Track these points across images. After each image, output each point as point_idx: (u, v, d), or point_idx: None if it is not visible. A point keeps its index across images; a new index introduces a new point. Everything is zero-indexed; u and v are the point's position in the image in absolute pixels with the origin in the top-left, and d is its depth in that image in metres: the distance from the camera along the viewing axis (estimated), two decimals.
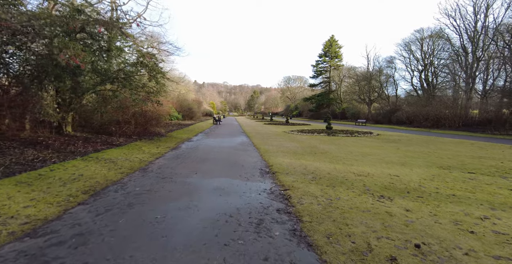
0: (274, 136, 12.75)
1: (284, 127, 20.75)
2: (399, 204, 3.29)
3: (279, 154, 7.34)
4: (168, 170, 5.15)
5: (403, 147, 8.98)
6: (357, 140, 11.39)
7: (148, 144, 8.84)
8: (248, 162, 6.17)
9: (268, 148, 8.44)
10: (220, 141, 10.46)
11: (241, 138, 11.81)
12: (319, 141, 10.63)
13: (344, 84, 46.50)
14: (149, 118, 12.42)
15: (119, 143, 8.48)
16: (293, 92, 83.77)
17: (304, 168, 5.46)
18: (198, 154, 7.19)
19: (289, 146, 9.13)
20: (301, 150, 8.06)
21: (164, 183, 4.19)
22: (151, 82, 11.08)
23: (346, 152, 7.72)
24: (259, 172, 5.18)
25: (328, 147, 8.92)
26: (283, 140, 11.13)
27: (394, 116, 26.25)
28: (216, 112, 66.75)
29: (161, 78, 11.68)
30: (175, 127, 18.01)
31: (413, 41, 30.99)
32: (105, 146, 7.66)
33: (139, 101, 10.00)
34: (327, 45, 46.55)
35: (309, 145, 9.31)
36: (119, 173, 4.74)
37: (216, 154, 7.21)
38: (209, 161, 6.19)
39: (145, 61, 10.08)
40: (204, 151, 7.84)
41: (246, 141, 10.60)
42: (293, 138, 12.02)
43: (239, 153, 7.56)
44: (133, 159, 6.07)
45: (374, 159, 6.65)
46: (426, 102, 23.41)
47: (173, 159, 6.47)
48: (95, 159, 5.74)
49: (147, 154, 7.00)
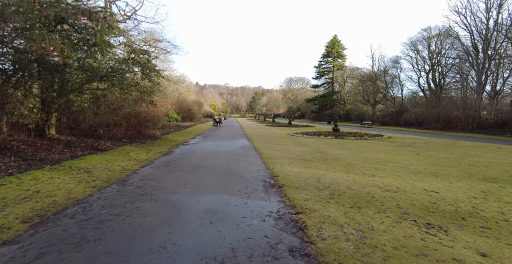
0: (278, 139, 11.82)
1: (287, 129, 19.82)
2: (462, 240, 2.33)
3: (285, 160, 6.40)
4: (152, 183, 4.23)
5: (423, 152, 8.00)
6: (369, 143, 10.42)
7: (138, 149, 7.95)
8: (249, 171, 5.24)
9: (272, 154, 7.51)
10: (218, 145, 9.54)
11: (242, 141, 10.89)
12: (327, 145, 9.67)
13: (348, 85, 45.50)
14: (143, 119, 11.56)
15: (106, 148, 7.59)
16: (295, 93, 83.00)
17: (317, 179, 4.52)
18: (192, 161, 6.28)
19: (295, 150, 8.19)
20: (309, 156, 7.11)
21: (141, 203, 3.27)
22: (144, 80, 10.25)
23: (361, 159, 6.77)
24: (262, 185, 4.24)
25: (339, 152, 7.97)
26: (287, 143, 10.19)
27: (402, 118, 25.20)
28: (217, 113, 66.01)
29: (155, 77, 10.86)
30: (173, 129, 17.15)
31: (420, 40, 30.04)
32: (87, 151, 6.78)
33: (130, 101, 9.14)
34: (330, 45, 45.71)
35: (317, 150, 8.36)
36: (90, 188, 3.82)
37: (213, 161, 6.29)
38: (204, 170, 5.27)
39: (137, 57, 9.24)
40: (199, 156, 6.93)
41: (247, 145, 9.67)
42: (298, 141, 11.08)
43: (239, 159, 6.64)
44: (114, 168, 5.16)
45: (397, 167, 5.69)
46: (437, 103, 22.37)
47: (162, 167, 5.56)
48: (67, 168, 4.83)
49: (133, 161, 6.10)
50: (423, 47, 30.40)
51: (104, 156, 6.34)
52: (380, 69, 36.57)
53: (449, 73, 28.17)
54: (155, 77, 10.83)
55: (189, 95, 43.00)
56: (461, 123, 18.63)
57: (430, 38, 29.01)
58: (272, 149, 8.54)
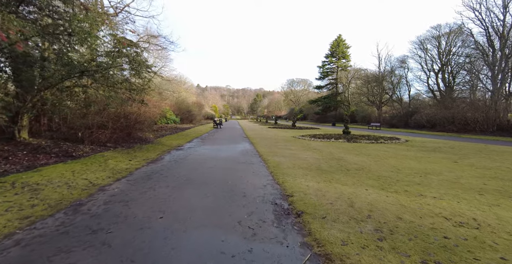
0: (283, 143, 10.57)
1: (292, 131, 18.56)
2: None
3: (297, 171, 5.15)
4: (117, 209, 3.00)
5: (460, 160, 6.71)
6: (388, 148, 9.14)
7: (120, 155, 6.74)
8: (253, 187, 4.00)
9: (280, 161, 6.26)
10: (217, 150, 8.31)
11: (243, 145, 9.66)
12: (342, 150, 8.41)
13: (352, 86, 44.22)
14: (133, 121, 10.39)
15: (81, 154, 6.39)
16: (297, 95, 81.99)
17: (349, 202, 3.27)
18: (181, 172, 5.04)
19: (307, 157, 6.94)
20: (325, 164, 5.85)
21: (81, 252, 2.04)
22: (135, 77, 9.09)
23: (390, 168, 5.50)
24: (272, 212, 3.00)
25: (359, 159, 6.70)
26: (295, 148, 8.93)
27: (412, 119, 23.87)
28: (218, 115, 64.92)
29: (145, 73, 9.70)
30: (169, 131, 15.96)
31: (429, 39, 28.78)
32: (56, 159, 5.57)
33: (116, 100, 7.97)
34: (334, 45, 44.61)
35: (333, 156, 7.10)
36: (16, 220, 2.59)
37: (207, 171, 5.05)
38: (194, 185, 4.04)
39: (124, 49, 8.08)
40: (192, 165, 5.70)
41: (250, 150, 8.43)
42: (307, 145, 9.82)
43: (240, 168, 5.40)
44: (77, 183, 3.94)
45: (445, 182, 4.41)
46: (451, 104, 21.03)
47: (142, 180, 4.33)
48: (8, 185, 3.61)
49: (108, 171, 4.88)
50: (432, 46, 29.16)
51: (73, 165, 5.12)
52: (386, 69, 35.32)
53: (460, 72, 26.84)
54: (145, 73, 9.69)
55: (189, 97, 41.97)
56: (480, 125, 17.28)
57: (440, 36, 27.76)
58: (279, 155, 7.29)
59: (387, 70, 35.03)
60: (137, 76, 9.00)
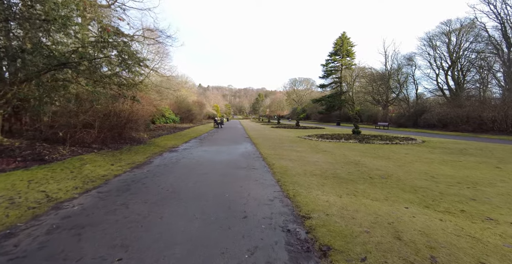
0: (289, 144, 9.61)
1: (296, 131, 17.59)
2: None
3: (311, 179, 4.19)
4: (61, 243, 2.08)
5: (504, 165, 5.70)
6: (407, 150, 8.15)
7: (103, 159, 5.84)
8: (257, 203, 3.06)
9: (287, 166, 5.31)
10: (215, 152, 7.38)
11: (245, 146, 8.72)
12: (356, 152, 7.43)
13: (357, 85, 43.05)
14: (125, 120, 9.52)
15: (56, 158, 5.49)
16: (300, 94, 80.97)
17: (393, 232, 2.31)
18: (168, 180, 4.12)
19: (318, 160, 5.98)
20: (343, 170, 4.89)
21: None
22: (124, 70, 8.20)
23: (422, 176, 4.53)
24: (285, 248, 2.06)
25: (380, 163, 5.73)
26: (303, 149, 7.97)
27: (422, 119, 22.74)
28: (220, 115, 63.99)
29: (138, 66, 8.81)
30: (166, 131, 15.08)
31: (439, 35, 27.60)
32: (19, 164, 4.68)
33: (102, 95, 7.10)
34: (338, 43, 43.49)
35: (348, 159, 6.14)
36: None
37: (200, 180, 4.12)
38: (179, 202, 3.11)
39: (110, 39, 7.19)
40: (183, 171, 4.77)
41: (252, 152, 7.50)
42: (315, 146, 8.85)
43: (241, 175, 4.46)
44: (26, 199, 3.03)
45: (507, 196, 3.44)
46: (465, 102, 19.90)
47: (115, 193, 3.41)
48: None
49: (79, 180, 3.97)
50: (442, 42, 27.98)
51: (35, 172, 4.21)
52: (393, 67, 34.13)
53: (471, 69, 25.63)
54: (137, 68, 8.81)
55: (190, 96, 41.12)
56: (498, 125, 16.17)
57: (450, 32, 26.58)
58: (286, 158, 6.34)
59: (393, 68, 33.87)
60: (127, 70, 8.12)
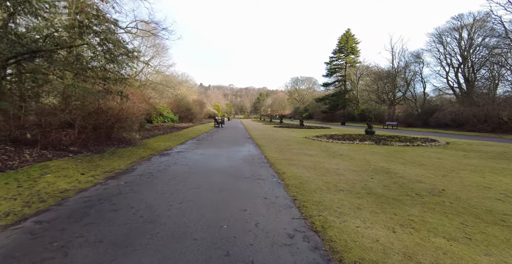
0: (297, 145, 8.52)
1: (301, 131, 16.48)
2: None
3: (337, 196, 3.10)
4: None
5: None
6: (437, 154, 7.02)
7: (75, 165, 4.77)
8: (270, 241, 1.96)
9: (302, 175, 4.22)
10: (213, 156, 6.30)
11: (247, 149, 7.64)
12: (378, 157, 6.32)
13: (361, 83, 41.80)
14: (115, 118, 8.48)
15: (11, 165, 4.43)
16: (302, 93, 79.81)
17: None
18: (147, 198, 3.04)
19: (338, 167, 4.88)
20: (376, 183, 3.78)
21: None
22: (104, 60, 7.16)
23: (487, 192, 3.42)
24: None
25: (417, 172, 4.62)
26: (315, 152, 6.87)
27: (433, 118, 21.55)
28: (221, 114, 62.89)
29: (127, 58, 7.78)
30: (163, 131, 14.02)
31: (450, 30, 26.35)
32: None
33: (80, 90, 6.05)
34: (343, 40, 42.26)
35: (374, 166, 5.03)
36: None
37: (189, 198, 3.04)
38: (150, 242, 2.03)
39: (89, 23, 6.12)
40: (170, 184, 3.69)
41: (256, 155, 6.41)
42: (328, 149, 7.75)
43: (243, 190, 3.37)
44: None
45: None
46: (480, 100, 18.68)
47: (64, 223, 2.34)
48: None
49: (21, 200, 2.91)
50: (453, 38, 26.73)
51: None
52: (400, 65, 32.88)
53: (484, 66, 24.35)
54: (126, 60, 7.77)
55: (190, 94, 40.05)
56: None
57: (462, 27, 25.33)
58: (297, 163, 5.25)
59: (400, 66, 32.62)
60: (110, 62, 7.06)
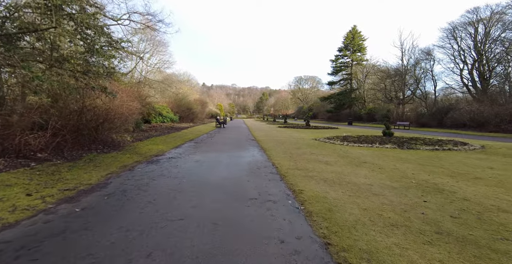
0: (307, 149, 7.39)
1: (309, 132, 15.33)
2: None
3: (393, 239, 1.97)
4: None
5: None
6: (484, 161, 5.83)
7: (30, 179, 3.72)
8: None
9: (326, 195, 3.10)
10: (210, 164, 5.20)
11: (251, 153, 6.54)
12: (414, 166, 5.15)
13: (368, 82, 40.38)
14: (102, 119, 7.50)
15: None
16: (305, 93, 78.50)
17: None
18: (103, 241, 1.95)
19: (371, 183, 3.75)
20: (439, 214, 2.65)
21: None
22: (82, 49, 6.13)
23: None
24: None
25: (483, 191, 3.46)
26: (332, 159, 5.73)
27: (448, 117, 20.20)
28: (224, 114, 61.90)
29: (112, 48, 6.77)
30: (160, 132, 12.99)
31: (464, 25, 24.91)
32: None
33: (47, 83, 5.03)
34: (349, 37, 40.88)
35: (417, 182, 3.88)
36: None
37: (163, 241, 1.94)
38: None
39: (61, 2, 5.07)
40: (145, 211, 2.61)
41: (262, 162, 5.30)
42: (346, 154, 6.60)
43: (247, 225, 2.26)
44: None
45: None
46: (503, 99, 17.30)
47: None
48: None
49: None
50: (467, 33, 25.27)
51: None
52: (410, 62, 31.42)
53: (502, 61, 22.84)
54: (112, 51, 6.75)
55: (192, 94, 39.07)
56: None
57: (478, 21, 23.89)
58: (315, 176, 4.13)
59: (410, 63, 31.19)
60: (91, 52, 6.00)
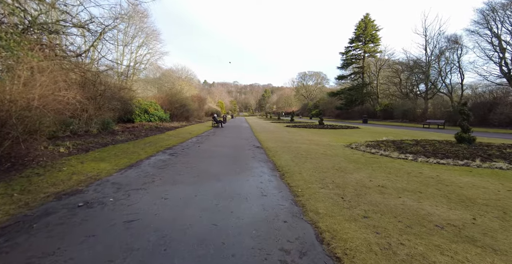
0: (361, 174, 4.13)
1: (328, 134, 11.98)
2: None
3: None
4: None
5: None
6: None
7: None
8: None
9: None
10: (163, 228, 1.97)
11: (259, 181, 3.29)
12: None
13: (382, 75, 36.67)
14: None
15: None
16: (309, 89, 74.88)
17: None
18: None
19: None
20: None
21: None
22: None
23: None
24: None
25: None
26: (432, 203, 2.48)
27: (496, 114, 16.71)
28: (225, 111, 58.69)
29: None
30: (134, 135, 9.75)
31: (505, 6, 21.18)
32: None
33: None
34: (361, 26, 37.19)
35: None
36: None
37: None
38: None
39: None
40: None
41: (290, 217, 2.05)
42: (448, 190, 3.33)
43: None
44: None
45: None
46: None
47: None
48: None
49: None
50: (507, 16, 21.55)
51: None
52: (434, 52, 27.70)
53: None
54: None
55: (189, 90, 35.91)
56: None
57: None
58: None
59: (435, 53, 27.49)
60: None
